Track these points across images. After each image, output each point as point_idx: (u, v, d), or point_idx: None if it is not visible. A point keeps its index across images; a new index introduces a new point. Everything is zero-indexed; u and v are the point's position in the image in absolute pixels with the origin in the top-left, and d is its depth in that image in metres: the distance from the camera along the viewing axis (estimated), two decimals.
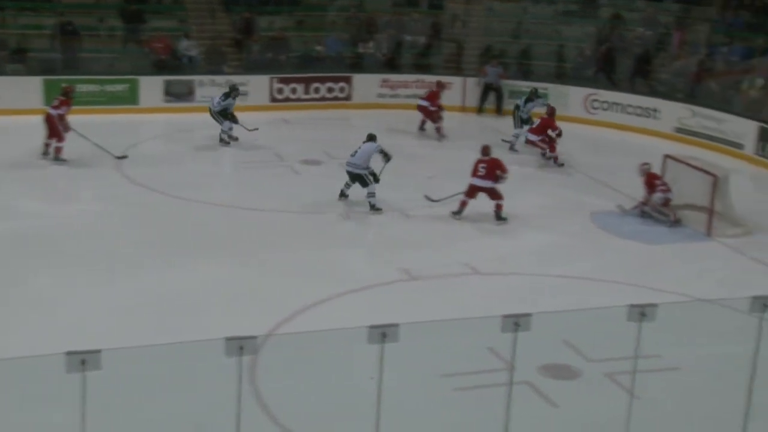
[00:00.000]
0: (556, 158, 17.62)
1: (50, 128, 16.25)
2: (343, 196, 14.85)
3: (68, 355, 5.99)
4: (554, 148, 17.62)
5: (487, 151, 14.54)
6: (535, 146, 18.00)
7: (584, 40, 23.25)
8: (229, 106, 17.97)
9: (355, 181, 14.61)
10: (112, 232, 13.19)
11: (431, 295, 11.46)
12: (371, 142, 14.72)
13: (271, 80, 21.52)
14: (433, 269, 12.20)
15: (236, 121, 17.98)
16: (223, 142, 18.01)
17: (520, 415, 7.33)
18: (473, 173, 14.27)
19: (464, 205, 14.29)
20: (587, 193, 16.11)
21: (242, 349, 6.34)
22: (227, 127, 17.94)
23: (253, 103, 19.69)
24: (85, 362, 6.00)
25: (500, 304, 9.74)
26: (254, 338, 6.41)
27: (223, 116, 17.91)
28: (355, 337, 6.77)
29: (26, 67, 20.47)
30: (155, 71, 21.12)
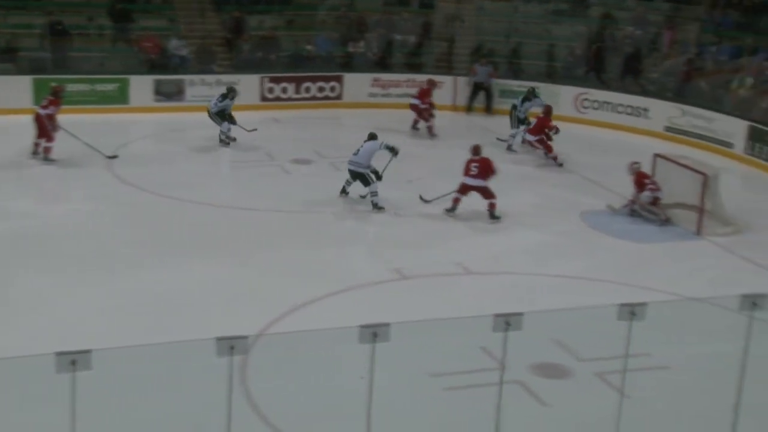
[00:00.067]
0: (555, 158, 17.64)
1: (40, 128, 16.21)
2: (343, 192, 14.92)
3: (58, 355, 5.97)
4: (550, 148, 17.63)
5: (477, 150, 14.56)
6: (532, 146, 18.03)
7: (575, 39, 23.29)
8: (226, 107, 17.96)
9: (356, 179, 14.64)
10: (102, 232, 13.16)
11: (423, 294, 11.46)
12: (373, 140, 14.77)
13: (261, 79, 21.50)
14: (424, 268, 12.21)
15: (234, 122, 17.96)
16: (222, 143, 17.99)
17: (511, 414, 7.34)
18: (465, 173, 14.28)
19: (457, 202, 14.33)
20: (578, 192, 16.13)
21: (233, 348, 6.33)
22: (225, 128, 17.92)
23: (243, 102, 19.61)
24: (75, 362, 5.98)
25: (492, 303, 9.73)
26: (245, 338, 6.41)
27: (221, 117, 17.89)
28: (346, 336, 6.77)
29: (16, 66, 20.41)
30: (145, 70, 21.10)
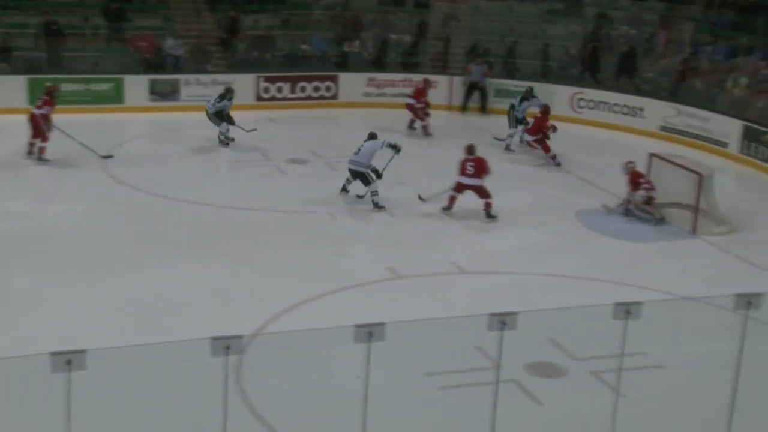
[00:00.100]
0: (554, 157, 17.64)
1: (35, 128, 16.19)
2: (344, 190, 14.97)
3: (53, 355, 5.97)
4: (548, 148, 17.64)
5: (472, 150, 14.59)
6: (531, 147, 18.03)
7: (569, 39, 23.30)
8: (224, 107, 17.94)
9: (356, 178, 14.67)
10: (97, 232, 13.14)
11: (418, 293, 11.47)
12: (373, 140, 14.80)
13: (257, 79, 21.48)
14: (420, 268, 12.22)
15: (233, 122, 17.93)
16: (222, 143, 17.97)
17: (506, 413, 7.34)
18: (461, 172, 14.30)
19: (453, 200, 14.37)
20: (573, 191, 16.14)
21: (228, 348, 6.33)
22: (224, 128, 17.90)
23: (239, 102, 19.55)
24: (70, 362, 5.98)
25: (487, 302, 9.70)
26: (240, 338, 6.40)
27: (219, 118, 17.87)
28: (341, 336, 6.76)
29: (10, 66, 20.37)
30: (140, 70, 21.07)
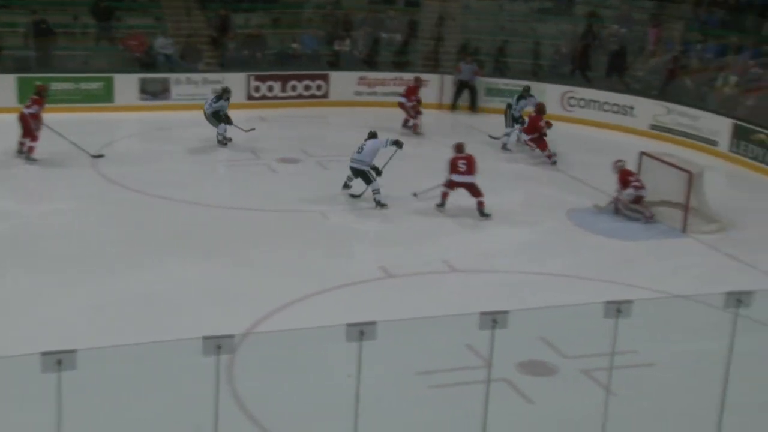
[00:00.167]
0: (549, 156, 17.65)
1: (24, 127, 16.14)
2: (346, 186, 15.02)
3: (44, 355, 5.95)
4: (545, 146, 17.64)
5: (461, 148, 14.63)
6: (528, 146, 18.03)
7: (560, 37, 23.34)
8: (221, 108, 17.90)
9: (357, 176, 14.68)
10: (88, 231, 13.11)
11: (409, 292, 11.47)
12: (374, 138, 14.83)
13: (248, 78, 21.44)
14: (411, 267, 12.22)
15: (230, 122, 17.90)
16: (220, 143, 17.93)
17: (497, 412, 7.34)
18: (453, 170, 14.32)
19: (446, 197, 14.42)
20: (564, 190, 16.17)
21: (220, 348, 6.32)
22: (222, 129, 17.87)
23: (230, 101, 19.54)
24: (60, 362, 5.96)
25: (478, 301, 9.76)
26: (232, 337, 6.39)
27: (216, 118, 17.84)
28: (332, 335, 6.77)
29: (0, 65, 20.28)
30: (130, 69, 21.01)
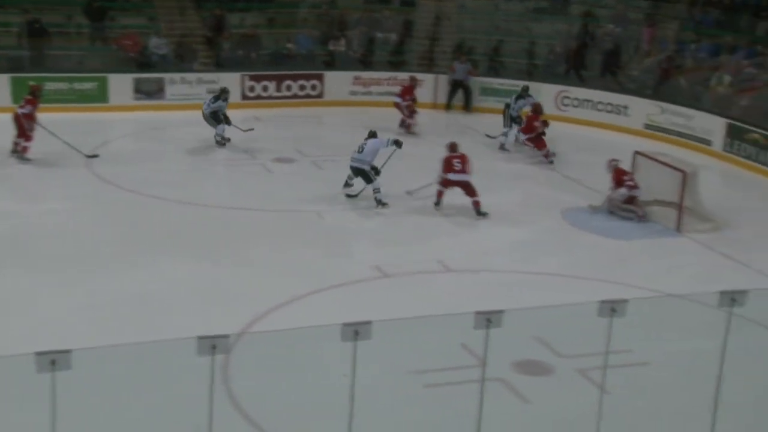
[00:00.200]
0: (546, 155, 17.66)
1: (19, 127, 16.13)
2: (347, 185, 15.02)
3: (38, 355, 5.94)
4: (543, 145, 17.65)
5: (455, 147, 14.66)
6: (526, 146, 18.02)
7: (555, 37, 23.37)
8: (219, 108, 17.88)
9: (358, 176, 14.69)
10: (83, 231, 13.10)
11: (404, 292, 11.48)
12: (375, 138, 14.86)
13: (242, 78, 21.43)
14: (406, 266, 12.22)
15: (229, 122, 17.89)
16: (218, 144, 17.92)
17: (492, 411, 7.35)
18: (448, 169, 14.33)
19: (441, 195, 14.46)
20: (558, 189, 16.20)
21: (215, 348, 6.31)
22: (221, 129, 17.85)
23: None
24: (55, 362, 5.95)
25: (472, 300, 9.74)
26: (226, 337, 6.39)
27: (215, 118, 17.83)
28: (327, 334, 6.76)
29: None
30: (125, 69, 20.99)
